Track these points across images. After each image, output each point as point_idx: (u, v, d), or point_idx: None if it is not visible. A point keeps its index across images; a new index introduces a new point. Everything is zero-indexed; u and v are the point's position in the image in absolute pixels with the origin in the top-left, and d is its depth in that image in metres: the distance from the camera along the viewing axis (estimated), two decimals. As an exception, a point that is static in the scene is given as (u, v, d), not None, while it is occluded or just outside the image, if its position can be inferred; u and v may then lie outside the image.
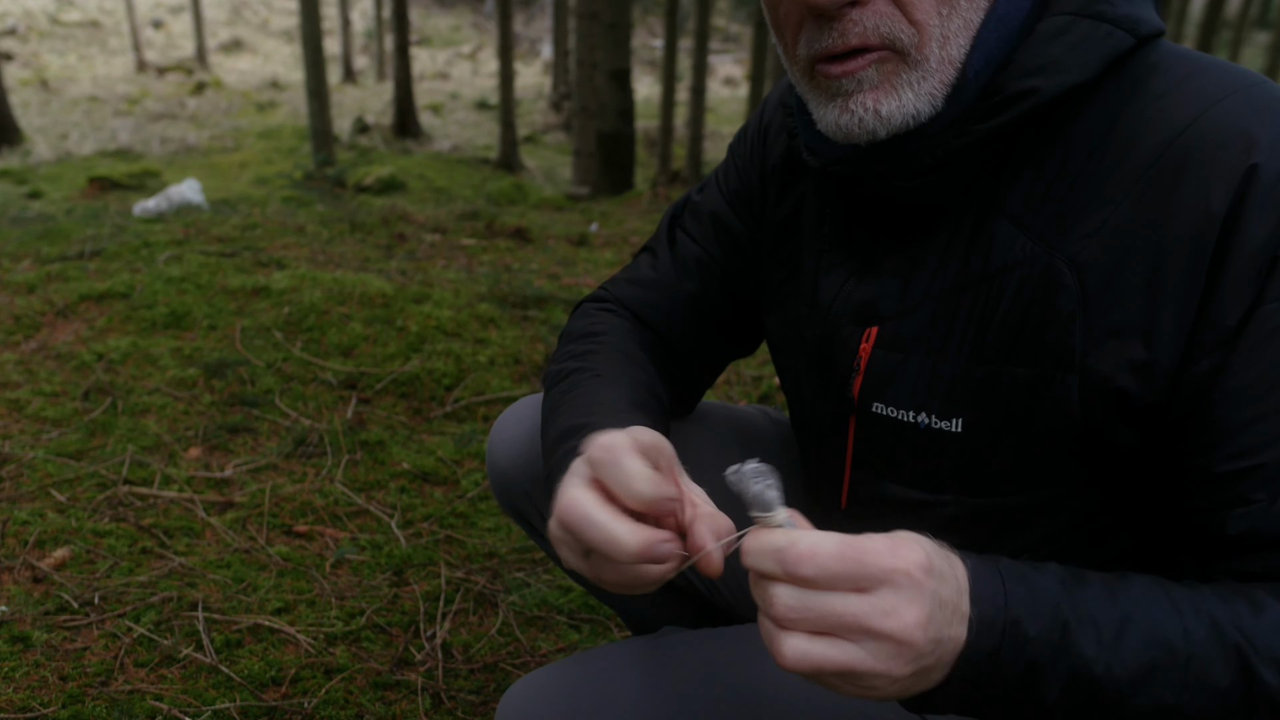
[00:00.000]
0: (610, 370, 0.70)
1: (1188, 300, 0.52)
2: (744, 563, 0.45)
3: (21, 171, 8.44)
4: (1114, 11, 0.55)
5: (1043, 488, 0.60)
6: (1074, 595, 0.48)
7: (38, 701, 1.08)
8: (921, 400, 0.61)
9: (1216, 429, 0.52)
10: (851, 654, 0.43)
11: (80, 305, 2.30)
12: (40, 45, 18.27)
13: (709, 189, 0.81)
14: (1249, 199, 0.51)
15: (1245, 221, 0.51)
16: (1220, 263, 0.51)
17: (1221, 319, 0.51)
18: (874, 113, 0.56)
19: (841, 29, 0.55)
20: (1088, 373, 0.55)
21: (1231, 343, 0.51)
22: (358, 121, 11.48)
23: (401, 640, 1.24)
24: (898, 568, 0.43)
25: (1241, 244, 0.51)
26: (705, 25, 8.33)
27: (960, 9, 0.55)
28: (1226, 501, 0.52)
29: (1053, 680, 0.46)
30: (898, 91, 0.56)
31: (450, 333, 2.18)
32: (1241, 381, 0.51)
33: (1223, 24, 11.55)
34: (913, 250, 0.62)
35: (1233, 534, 0.52)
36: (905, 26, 0.55)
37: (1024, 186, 0.57)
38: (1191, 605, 0.48)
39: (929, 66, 0.55)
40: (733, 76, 20.34)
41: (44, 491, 1.54)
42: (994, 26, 0.56)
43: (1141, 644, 0.47)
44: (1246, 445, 0.51)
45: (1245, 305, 0.51)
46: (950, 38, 0.55)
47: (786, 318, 0.73)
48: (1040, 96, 0.54)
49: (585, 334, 0.77)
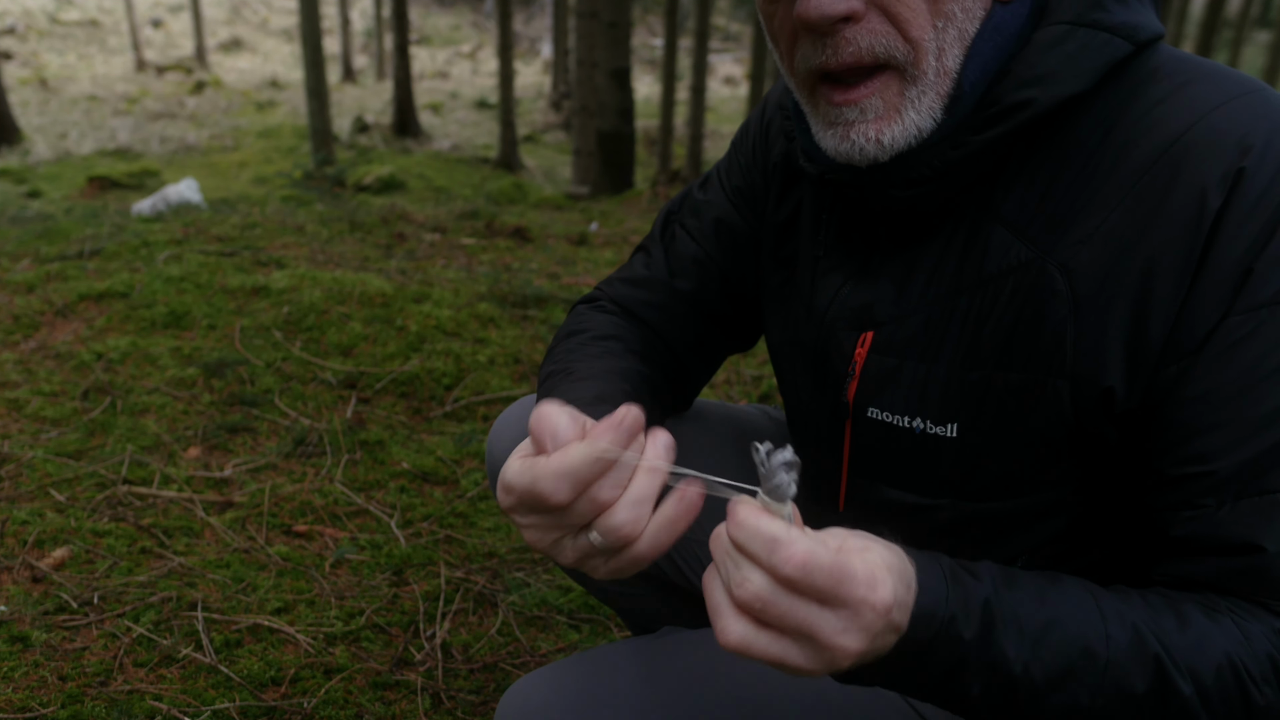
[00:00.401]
0: (583, 367, 0.70)
1: (1171, 306, 0.52)
2: (729, 531, 0.44)
3: (20, 171, 8.44)
4: (1111, 19, 0.55)
5: (1035, 493, 0.60)
6: (1003, 595, 0.49)
7: (37, 701, 1.07)
8: (916, 405, 0.61)
9: (1175, 433, 0.52)
10: (789, 653, 0.44)
11: (79, 305, 2.30)
12: (39, 44, 18.26)
13: (711, 186, 0.81)
14: (1233, 207, 0.51)
15: (1227, 230, 0.51)
16: (1200, 270, 0.51)
17: (1194, 326, 0.51)
18: (875, 142, 0.56)
19: (835, 45, 0.55)
20: (1078, 379, 0.55)
21: (1198, 350, 0.51)
22: (357, 121, 11.47)
23: (401, 640, 1.24)
24: (868, 600, 0.43)
25: (1221, 253, 0.51)
26: (705, 24, 8.32)
27: (955, 20, 0.55)
28: (1175, 504, 0.53)
29: (975, 676, 0.48)
30: (901, 116, 0.56)
31: (450, 332, 2.18)
32: (1203, 389, 0.51)
33: (1223, 23, 11.55)
34: (908, 255, 0.62)
35: (1177, 536, 0.52)
36: (900, 44, 0.54)
37: (1020, 192, 0.57)
38: (1117, 613, 0.49)
39: (927, 80, 0.55)
40: (733, 75, 20.33)
41: (43, 491, 1.54)
42: (989, 36, 0.56)
43: (1062, 647, 0.48)
44: (1201, 451, 0.52)
45: (1218, 314, 0.51)
46: (946, 49, 0.55)
47: (784, 320, 0.73)
48: (1037, 107, 0.54)
49: (569, 333, 0.77)
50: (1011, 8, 0.56)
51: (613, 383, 0.67)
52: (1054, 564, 0.61)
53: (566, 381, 0.68)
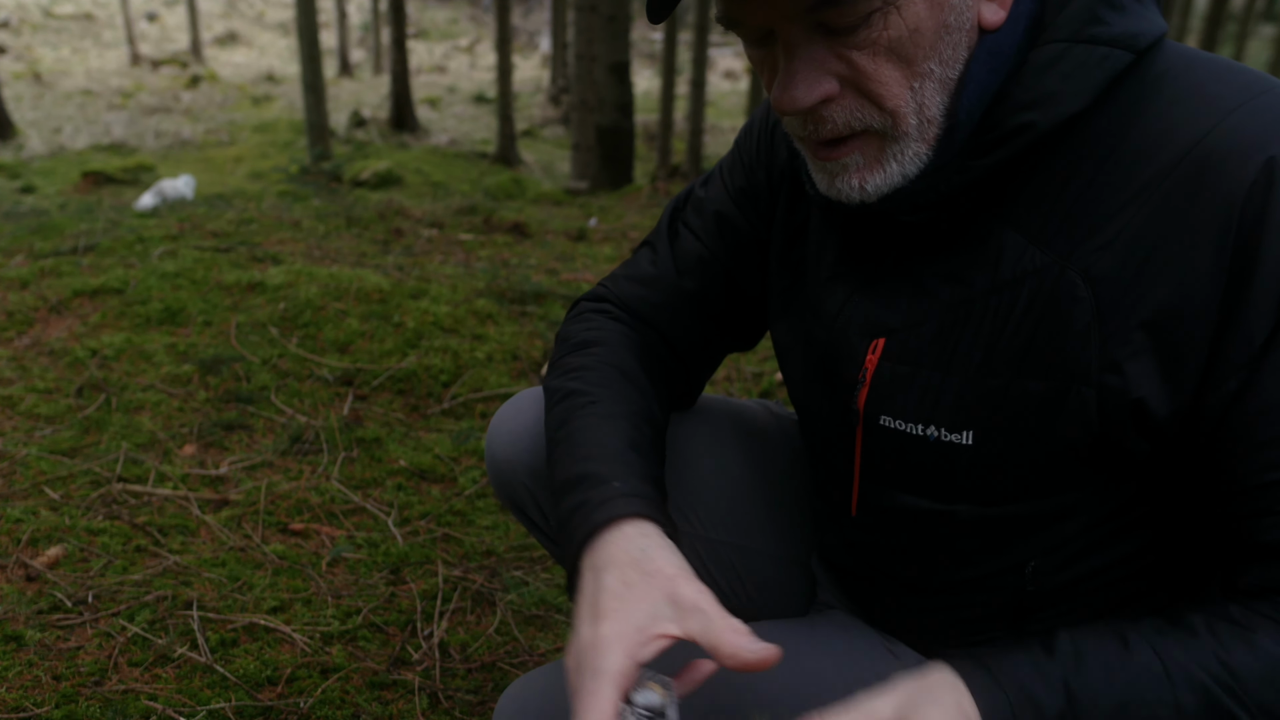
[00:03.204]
0: (606, 396, 0.70)
1: (1206, 314, 0.51)
2: None
3: (14, 166, 8.39)
4: (1109, 32, 0.54)
5: (1056, 495, 0.59)
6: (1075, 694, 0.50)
7: (31, 701, 1.07)
8: (929, 413, 0.60)
9: (1247, 443, 0.52)
10: None
11: (74, 301, 2.29)
12: (33, 38, 18.15)
13: (713, 184, 0.80)
14: (1271, 211, 0.50)
15: (1268, 235, 0.50)
16: (1246, 276, 0.51)
17: (1250, 335, 0.51)
18: (859, 188, 0.57)
19: (815, 122, 0.56)
20: (1105, 387, 0.54)
21: (1260, 359, 0.51)
22: (354, 115, 11.42)
23: (398, 639, 1.23)
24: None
25: (1265, 258, 0.50)
26: (705, 18, 8.29)
27: (933, 75, 0.54)
28: (1257, 511, 0.52)
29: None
30: (883, 166, 0.57)
31: (448, 329, 2.17)
32: (1271, 399, 0.51)
33: (1228, 17, 11.53)
34: (918, 263, 0.61)
35: (1265, 541, 0.52)
36: (877, 114, 0.55)
37: (1032, 197, 0.57)
38: (1185, 675, 0.50)
39: (911, 136, 0.56)
40: (733, 70, 20.27)
41: (37, 489, 1.53)
42: (984, 61, 0.55)
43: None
44: (1276, 458, 0.51)
45: (1273, 321, 0.50)
46: (927, 103, 0.55)
47: (792, 325, 0.73)
48: (1038, 130, 0.54)
49: (582, 344, 0.76)
50: (1005, 29, 0.55)
51: (639, 428, 0.68)
52: (1078, 560, 0.61)
53: (594, 410, 0.69)
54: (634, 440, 0.67)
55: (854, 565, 0.73)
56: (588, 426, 0.67)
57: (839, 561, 0.75)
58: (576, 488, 0.63)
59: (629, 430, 0.67)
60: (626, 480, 0.62)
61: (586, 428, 0.67)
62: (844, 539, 0.72)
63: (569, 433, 0.68)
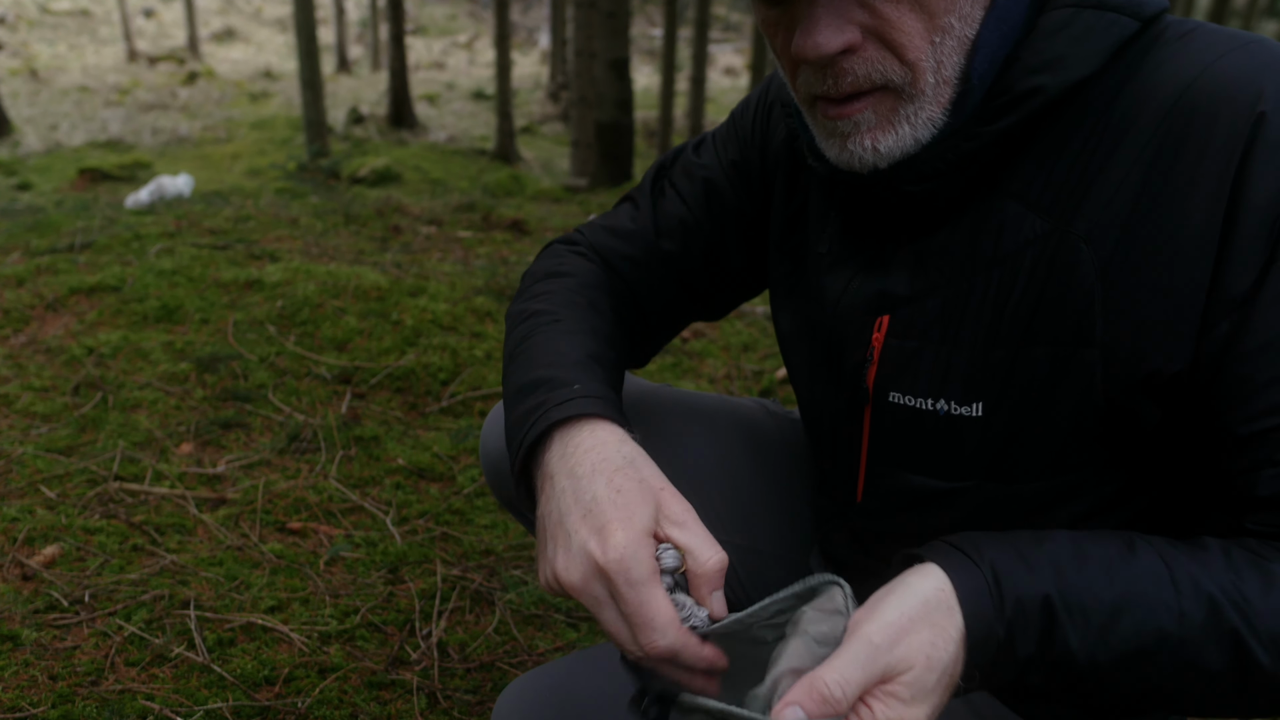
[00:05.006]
0: (570, 315, 0.69)
1: (1202, 261, 0.51)
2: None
3: (10, 163, 8.37)
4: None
5: (1065, 473, 0.59)
6: (1067, 583, 0.49)
7: (27, 701, 1.06)
8: (939, 387, 0.60)
9: (1238, 391, 0.51)
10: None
11: (70, 298, 2.28)
12: (29, 34, 18.09)
13: (705, 151, 0.79)
14: (1255, 153, 0.50)
15: (1253, 177, 0.50)
16: (1231, 221, 0.50)
17: (1236, 279, 0.50)
18: (873, 150, 0.57)
19: (835, 75, 0.55)
20: (1110, 347, 0.54)
21: (1248, 304, 0.50)
22: (352, 112, 11.39)
23: (397, 639, 1.23)
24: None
25: (1251, 201, 0.50)
26: (705, 14, 8.27)
27: (953, 31, 0.54)
28: (1254, 464, 0.51)
29: (1036, 674, 0.49)
30: (895, 128, 0.56)
31: (446, 327, 2.16)
32: (1259, 341, 0.50)
33: (1231, 13, 11.52)
34: (920, 241, 0.61)
35: (1263, 495, 0.51)
36: (898, 68, 0.55)
37: (1031, 166, 0.57)
38: (1192, 584, 0.48)
39: (925, 97, 0.56)
40: (733, 66, 20.23)
41: (33, 488, 1.52)
42: (994, 26, 0.55)
43: (1131, 631, 0.48)
44: (1270, 404, 0.50)
45: (1259, 265, 0.50)
46: (945, 61, 0.55)
47: (795, 310, 0.72)
48: (1047, 94, 0.54)
49: (550, 274, 0.76)
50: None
51: (598, 343, 0.67)
52: None
53: (556, 327, 0.68)
54: (597, 354, 0.65)
55: (857, 557, 0.73)
56: (548, 339, 0.66)
57: (841, 556, 0.75)
58: (534, 391, 0.62)
59: (592, 344, 0.66)
60: (588, 384, 0.61)
61: (546, 340, 0.66)
62: (848, 529, 0.72)
63: (527, 347, 0.67)
